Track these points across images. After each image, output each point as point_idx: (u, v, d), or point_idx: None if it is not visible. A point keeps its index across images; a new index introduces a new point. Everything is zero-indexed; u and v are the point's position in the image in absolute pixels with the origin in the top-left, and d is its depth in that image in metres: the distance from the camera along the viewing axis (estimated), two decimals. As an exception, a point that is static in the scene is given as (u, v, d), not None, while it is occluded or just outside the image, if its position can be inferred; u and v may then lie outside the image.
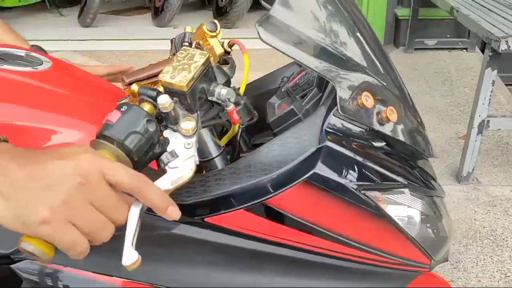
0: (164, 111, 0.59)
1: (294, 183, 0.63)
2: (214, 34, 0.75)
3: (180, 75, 0.60)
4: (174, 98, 0.61)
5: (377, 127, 0.71)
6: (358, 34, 0.77)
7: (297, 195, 0.64)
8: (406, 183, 0.71)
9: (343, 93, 0.68)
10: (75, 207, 0.46)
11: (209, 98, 0.65)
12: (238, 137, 0.77)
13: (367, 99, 0.70)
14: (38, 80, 0.79)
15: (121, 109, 0.58)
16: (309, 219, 0.65)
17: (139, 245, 0.52)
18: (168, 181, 0.57)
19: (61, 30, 4.42)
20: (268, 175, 0.64)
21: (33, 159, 0.47)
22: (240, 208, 0.64)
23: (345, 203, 0.66)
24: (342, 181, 0.65)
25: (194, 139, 0.60)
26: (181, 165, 0.58)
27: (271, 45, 0.65)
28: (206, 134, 0.78)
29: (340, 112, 0.67)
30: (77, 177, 0.46)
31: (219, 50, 0.75)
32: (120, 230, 0.51)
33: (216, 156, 0.78)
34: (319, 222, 0.66)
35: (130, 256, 0.52)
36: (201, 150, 0.78)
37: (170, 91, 0.61)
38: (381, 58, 0.81)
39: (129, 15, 5.03)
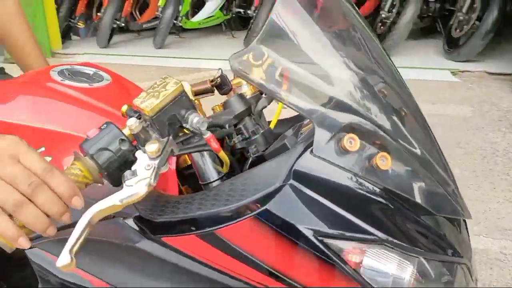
0: (132, 132, 0.65)
1: (245, 217, 0.63)
2: (258, 63, 0.77)
3: (148, 101, 0.64)
4: (147, 122, 0.66)
5: (362, 173, 0.65)
6: (358, 69, 0.72)
7: (245, 229, 0.63)
8: (385, 238, 0.63)
9: (322, 132, 0.65)
10: None
11: (184, 125, 0.67)
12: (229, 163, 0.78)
13: (351, 142, 0.65)
14: (88, 94, 0.92)
15: (101, 127, 0.65)
16: (254, 254, 0.63)
17: (102, 249, 0.57)
18: (117, 197, 0.61)
19: (228, 49, 4.85)
20: (227, 206, 0.65)
21: None
22: (193, 234, 0.65)
23: (294, 245, 0.62)
24: (295, 223, 0.62)
25: (156, 162, 0.63)
26: (135, 185, 0.62)
27: (243, 77, 0.66)
28: (207, 159, 0.81)
29: (315, 153, 0.64)
30: None
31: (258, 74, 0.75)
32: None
33: (214, 181, 0.81)
34: (263, 258, 0.63)
35: (63, 259, 0.58)
36: (202, 174, 0.82)
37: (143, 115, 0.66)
38: (394, 97, 0.74)
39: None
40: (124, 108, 0.71)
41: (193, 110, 0.67)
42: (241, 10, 5.49)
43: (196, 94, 0.87)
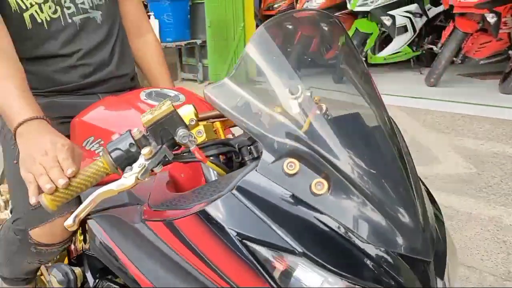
0: (135, 138, 0.85)
1: (190, 214, 0.77)
2: (293, 97, 0.91)
3: (146, 116, 0.84)
4: (148, 132, 0.86)
5: (299, 194, 0.73)
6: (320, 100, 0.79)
7: (190, 223, 0.77)
8: (301, 251, 0.70)
9: (267, 155, 0.75)
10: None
11: (175, 138, 0.85)
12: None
13: (291, 166, 0.74)
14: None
15: (121, 133, 0.88)
16: (196, 245, 0.77)
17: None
18: (114, 185, 0.82)
19: (412, 86, 4.77)
20: (194, 203, 0.80)
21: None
22: (161, 221, 0.83)
23: (223, 245, 0.74)
24: (224, 224, 0.73)
25: (147, 162, 0.83)
26: (128, 177, 0.83)
27: (212, 104, 0.81)
28: (210, 169, 0.97)
29: (259, 171, 0.75)
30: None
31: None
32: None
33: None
34: (201, 249, 0.76)
35: (70, 221, 0.82)
36: (207, 180, 0.98)
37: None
38: (358, 127, 0.79)
39: (482, 79, 4.87)
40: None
41: (183, 126, 0.84)
42: (432, 47, 5.32)
43: (215, 117, 1.04)
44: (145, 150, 0.82)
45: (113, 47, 1.41)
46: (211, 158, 0.90)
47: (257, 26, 6.49)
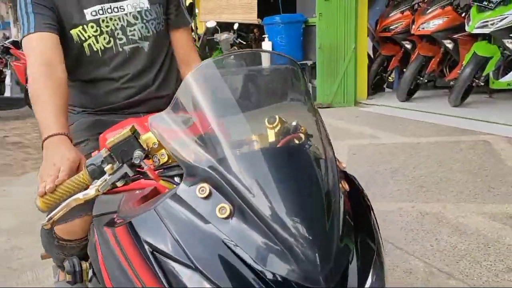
0: (103, 157, 0.98)
1: (123, 223, 0.88)
2: (271, 126, 1.00)
3: (110, 139, 0.97)
4: (111, 152, 0.98)
5: (205, 216, 0.79)
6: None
7: (122, 232, 0.88)
8: (196, 267, 0.76)
9: (187, 180, 0.83)
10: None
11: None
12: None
13: (203, 190, 0.81)
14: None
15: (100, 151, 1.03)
16: (124, 250, 0.87)
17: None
18: (81, 194, 0.96)
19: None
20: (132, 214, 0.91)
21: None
22: (110, 228, 0.95)
23: (139, 253, 0.83)
24: (141, 236, 0.83)
25: (108, 177, 0.95)
26: (91, 188, 0.96)
27: (153, 133, 0.92)
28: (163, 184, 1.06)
29: (177, 193, 0.83)
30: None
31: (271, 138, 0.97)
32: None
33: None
34: (127, 254, 0.86)
35: (45, 222, 0.98)
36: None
37: None
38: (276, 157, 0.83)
39: None
40: None
41: (139, 149, 0.96)
42: None
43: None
44: (107, 167, 0.95)
45: (157, 72, 1.58)
46: (170, 178, 1.00)
47: (373, 48, 6.40)
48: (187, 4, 11.62)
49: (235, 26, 6.57)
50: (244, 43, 6.56)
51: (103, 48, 1.45)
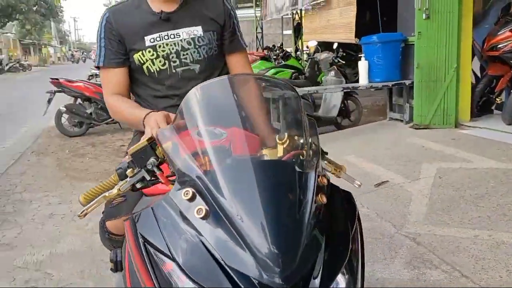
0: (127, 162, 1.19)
1: (128, 218, 1.07)
2: (281, 142, 1.14)
3: (131, 147, 1.17)
4: (132, 158, 1.18)
5: (187, 215, 0.95)
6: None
7: (128, 224, 1.07)
8: (175, 259, 0.91)
9: (177, 184, 1.01)
10: None
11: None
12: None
13: (187, 193, 0.97)
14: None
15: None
16: (129, 241, 1.05)
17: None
18: (107, 192, 1.17)
19: None
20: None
21: None
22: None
23: (136, 244, 1.00)
24: (139, 229, 1.00)
25: (128, 179, 1.15)
26: (114, 188, 1.17)
27: (158, 143, 1.10)
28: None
29: (169, 196, 1.01)
30: None
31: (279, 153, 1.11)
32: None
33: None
34: (130, 245, 1.04)
35: (80, 212, 1.21)
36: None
37: None
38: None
39: None
40: None
41: (154, 157, 1.15)
42: None
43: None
44: (128, 171, 1.15)
45: None
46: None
47: (481, 67, 6.05)
48: (295, 24, 11.98)
49: (335, 46, 6.65)
50: (343, 62, 6.60)
51: (159, 70, 1.67)
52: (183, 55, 1.67)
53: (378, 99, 8.80)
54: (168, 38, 1.65)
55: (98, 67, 1.70)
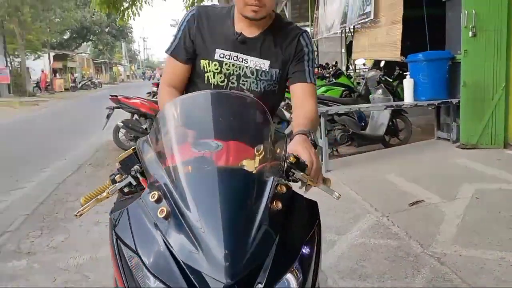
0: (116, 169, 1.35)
1: (109, 216, 1.21)
2: (258, 154, 1.27)
3: (120, 156, 1.32)
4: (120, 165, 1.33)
5: (152, 215, 1.08)
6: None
7: (110, 220, 1.20)
8: (138, 255, 1.04)
9: (147, 189, 1.14)
10: None
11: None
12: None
13: (154, 196, 1.09)
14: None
15: None
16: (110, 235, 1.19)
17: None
18: (99, 196, 1.33)
19: None
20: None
21: None
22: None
23: (111, 240, 1.14)
24: (115, 229, 1.14)
25: (117, 184, 1.30)
26: (104, 192, 1.33)
27: (138, 154, 1.24)
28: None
29: (142, 198, 1.14)
30: None
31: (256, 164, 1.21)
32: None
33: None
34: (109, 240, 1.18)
35: (79, 210, 1.38)
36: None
37: None
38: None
39: None
40: None
41: (138, 164, 1.29)
42: None
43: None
44: (117, 176, 1.30)
45: None
46: None
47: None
48: (347, 42, 11.96)
49: (382, 64, 6.62)
50: (390, 80, 6.55)
51: (216, 84, 1.75)
52: (243, 81, 1.73)
53: (432, 118, 8.59)
54: (236, 60, 1.72)
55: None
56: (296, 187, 1.26)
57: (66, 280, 3.10)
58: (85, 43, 45.17)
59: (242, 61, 1.71)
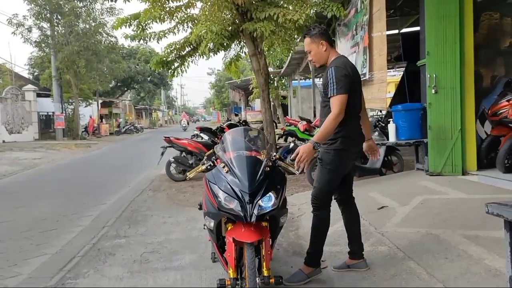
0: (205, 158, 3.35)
1: (206, 175, 3.20)
2: (263, 154, 3.29)
3: (207, 153, 3.31)
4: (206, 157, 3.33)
5: (222, 171, 3.07)
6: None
7: (204, 177, 3.20)
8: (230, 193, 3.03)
9: (220, 164, 3.13)
10: None
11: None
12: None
13: (224, 167, 3.09)
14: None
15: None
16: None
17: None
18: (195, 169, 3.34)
19: None
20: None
21: None
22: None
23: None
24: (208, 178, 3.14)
25: (205, 165, 3.30)
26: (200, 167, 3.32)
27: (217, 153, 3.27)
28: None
29: (217, 167, 3.14)
30: None
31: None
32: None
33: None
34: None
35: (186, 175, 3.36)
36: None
37: None
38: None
39: None
40: None
41: (214, 156, 3.29)
42: None
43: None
44: (204, 161, 3.32)
45: None
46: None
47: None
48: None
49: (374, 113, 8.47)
50: (383, 124, 8.43)
51: None
52: None
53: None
54: None
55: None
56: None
57: (153, 249, 5.04)
58: (128, 90, 48.57)
59: None
